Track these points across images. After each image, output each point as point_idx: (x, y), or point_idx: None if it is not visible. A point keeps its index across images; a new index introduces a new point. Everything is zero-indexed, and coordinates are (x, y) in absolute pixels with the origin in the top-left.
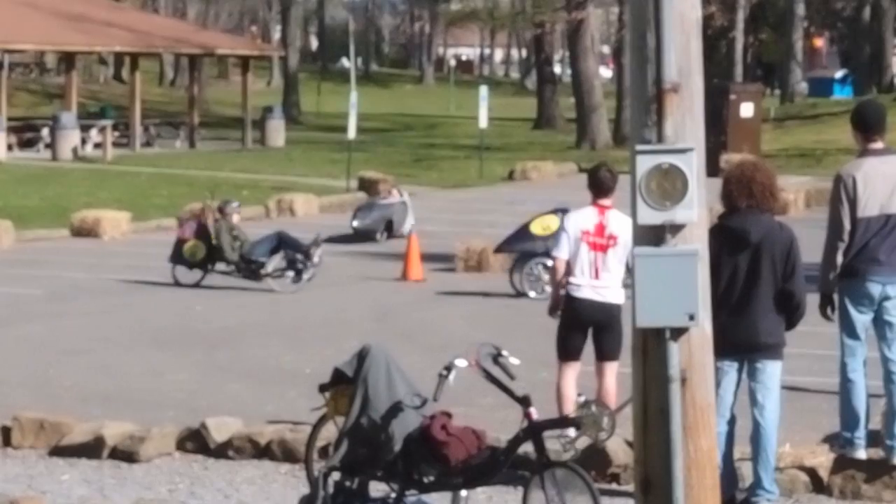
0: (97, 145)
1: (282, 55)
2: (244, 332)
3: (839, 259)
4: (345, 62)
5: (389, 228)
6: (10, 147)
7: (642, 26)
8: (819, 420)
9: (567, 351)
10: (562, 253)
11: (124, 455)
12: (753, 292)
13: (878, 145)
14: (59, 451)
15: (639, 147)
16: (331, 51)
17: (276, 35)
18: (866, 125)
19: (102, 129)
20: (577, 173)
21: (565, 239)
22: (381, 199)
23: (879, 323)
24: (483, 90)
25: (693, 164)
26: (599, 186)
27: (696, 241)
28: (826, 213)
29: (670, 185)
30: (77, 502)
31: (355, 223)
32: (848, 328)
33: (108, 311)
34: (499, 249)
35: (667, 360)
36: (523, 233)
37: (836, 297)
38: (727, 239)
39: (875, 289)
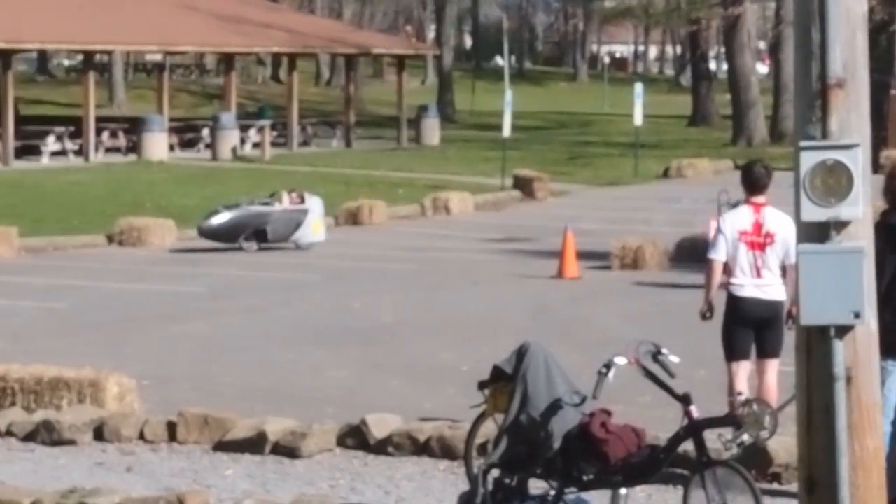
0: (255, 145)
1: (436, 54)
2: (401, 329)
3: None
4: (499, 60)
5: (262, 237)
6: (171, 147)
7: (807, 21)
8: None
9: (735, 351)
10: (719, 255)
11: (286, 451)
12: None
13: None
14: (222, 447)
15: (803, 143)
16: (485, 49)
17: (431, 34)
18: None
19: (261, 129)
20: (733, 170)
21: (722, 240)
22: (261, 203)
23: None
24: (638, 87)
25: (859, 160)
26: (754, 183)
27: (861, 238)
28: None
29: (835, 181)
30: (241, 497)
31: (204, 223)
32: None
33: (267, 309)
34: None
35: (831, 358)
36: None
37: None
38: (890, 236)
39: None
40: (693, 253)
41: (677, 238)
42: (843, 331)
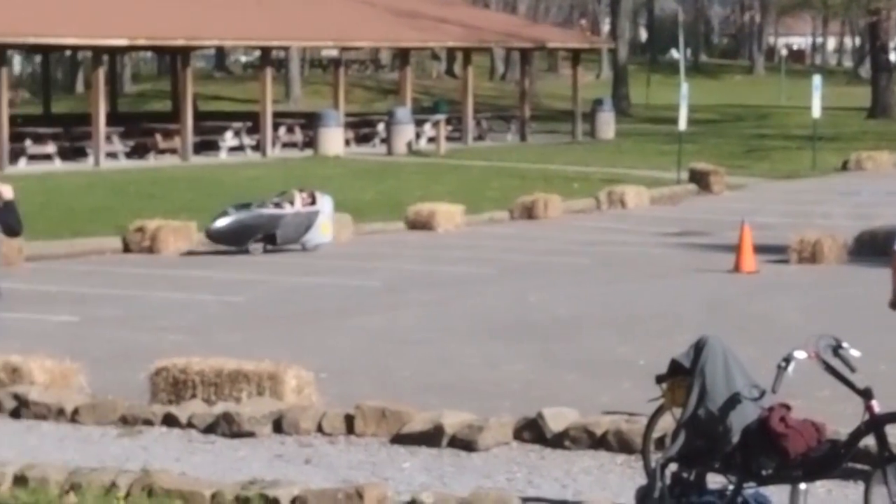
0: (431, 139)
1: (611, 47)
2: (577, 323)
3: None
4: (674, 53)
5: (271, 240)
6: (347, 142)
7: None
8: None
9: None
10: None
11: (463, 444)
12: None
13: None
14: (399, 439)
15: None
16: (660, 42)
17: (606, 28)
18: None
19: (436, 124)
20: None
21: None
22: (273, 203)
23: None
24: (816, 79)
25: None
26: None
27: None
28: None
29: None
30: (418, 489)
31: (210, 226)
32: None
33: (444, 303)
34: None
35: None
36: None
37: None
38: None
39: None
40: (873, 246)
41: (856, 231)
42: None
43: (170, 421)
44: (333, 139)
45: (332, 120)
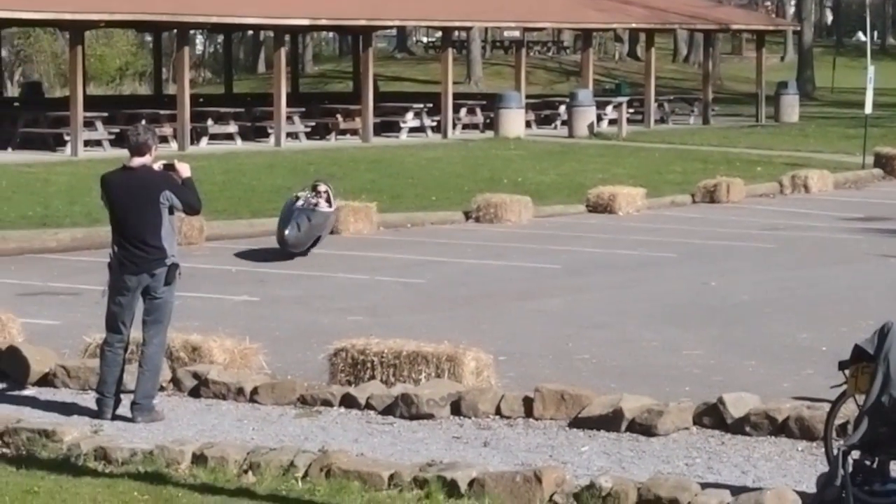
0: (612, 122)
1: (796, 29)
2: (759, 308)
3: None
4: (860, 36)
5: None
6: (528, 124)
7: None
8: None
9: None
10: None
11: (642, 428)
12: None
13: None
14: (578, 423)
15: None
16: (846, 24)
17: (791, 9)
18: None
19: (618, 106)
20: None
21: None
22: (308, 200)
23: None
24: None
25: None
26: None
27: None
28: None
29: None
30: (597, 473)
31: (288, 232)
32: None
33: (624, 286)
34: None
35: None
36: None
37: None
38: None
39: None
40: None
41: None
42: None
43: (348, 402)
44: (514, 121)
45: (514, 101)
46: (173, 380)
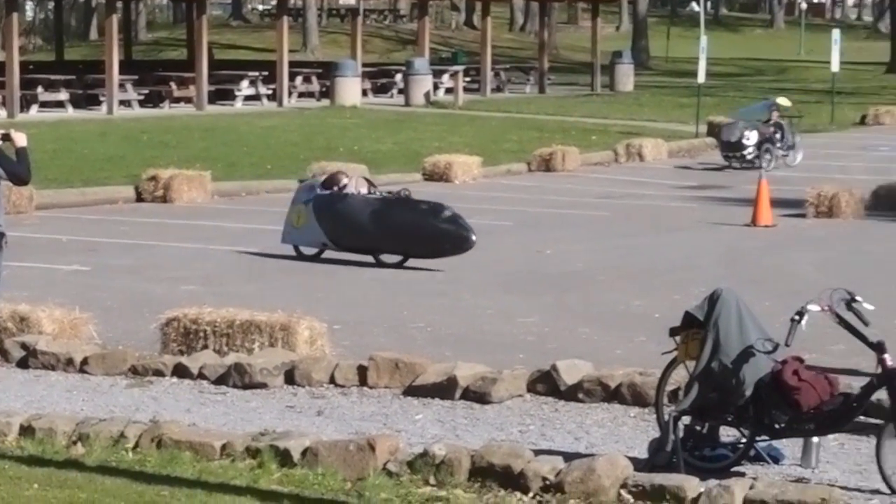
0: (448, 90)
1: (631, 0)
2: (593, 276)
3: None
4: (694, 6)
5: None
6: (364, 93)
7: None
8: None
9: None
10: None
11: (476, 396)
12: None
13: None
14: (412, 391)
15: None
16: None
17: None
18: None
19: (454, 75)
20: None
21: None
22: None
23: None
24: (836, 34)
25: None
26: None
27: None
28: None
29: None
30: (430, 441)
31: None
32: None
33: (459, 255)
34: None
35: None
36: None
37: None
38: None
39: None
40: (890, 201)
41: (874, 186)
42: None
43: (181, 372)
44: (350, 89)
45: (350, 70)
46: (1, 350)
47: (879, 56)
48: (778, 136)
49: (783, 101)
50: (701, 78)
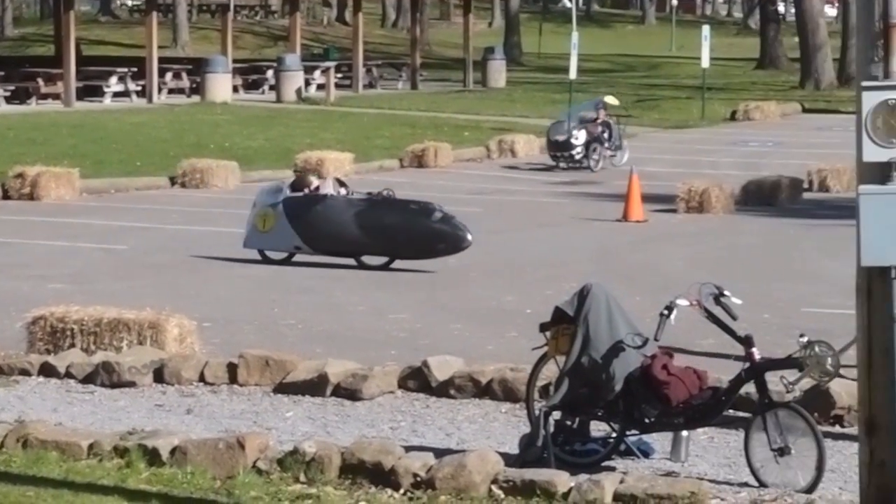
0: (320, 87)
1: None
2: (465, 272)
3: None
4: (566, 2)
5: None
6: (235, 89)
7: None
8: None
9: None
10: None
11: (347, 393)
12: None
13: None
14: (283, 389)
15: (865, 83)
16: None
17: None
18: None
19: (326, 71)
20: (801, 113)
21: None
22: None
23: None
24: (705, 30)
25: None
26: None
27: None
28: None
29: None
30: (301, 439)
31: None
32: None
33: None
34: None
35: (892, 299)
36: None
37: None
38: None
39: None
40: (759, 196)
41: (744, 181)
42: None
43: (47, 371)
44: (221, 85)
45: (220, 66)
46: None
47: (749, 52)
48: (606, 135)
49: (611, 99)
50: (573, 74)
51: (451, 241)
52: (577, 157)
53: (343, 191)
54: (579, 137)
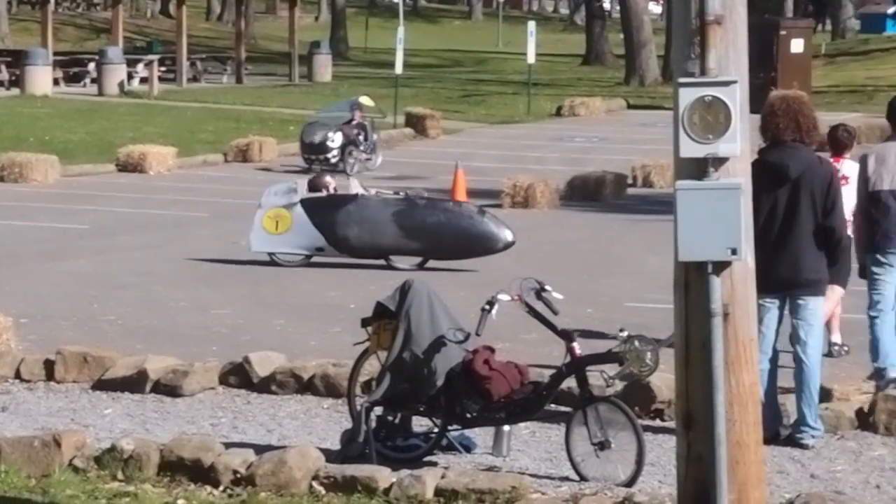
0: (143, 80)
1: None
2: (288, 267)
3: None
4: None
5: None
6: (56, 82)
7: None
8: (866, 357)
9: None
10: None
11: (167, 389)
12: (793, 228)
13: None
14: (102, 385)
15: (681, 80)
16: None
17: None
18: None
19: (149, 64)
20: (626, 109)
21: None
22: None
23: None
24: (531, 26)
25: (736, 97)
26: (836, 145)
27: (739, 175)
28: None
29: (713, 117)
30: (120, 436)
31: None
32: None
33: (153, 246)
34: None
35: (709, 294)
36: None
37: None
38: (766, 174)
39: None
40: (584, 191)
41: (569, 177)
42: (720, 267)
43: None
44: (41, 78)
45: (40, 58)
46: None
47: (575, 48)
48: (361, 137)
49: (366, 100)
50: (399, 69)
51: (495, 240)
52: (333, 160)
53: (373, 191)
54: (335, 140)
